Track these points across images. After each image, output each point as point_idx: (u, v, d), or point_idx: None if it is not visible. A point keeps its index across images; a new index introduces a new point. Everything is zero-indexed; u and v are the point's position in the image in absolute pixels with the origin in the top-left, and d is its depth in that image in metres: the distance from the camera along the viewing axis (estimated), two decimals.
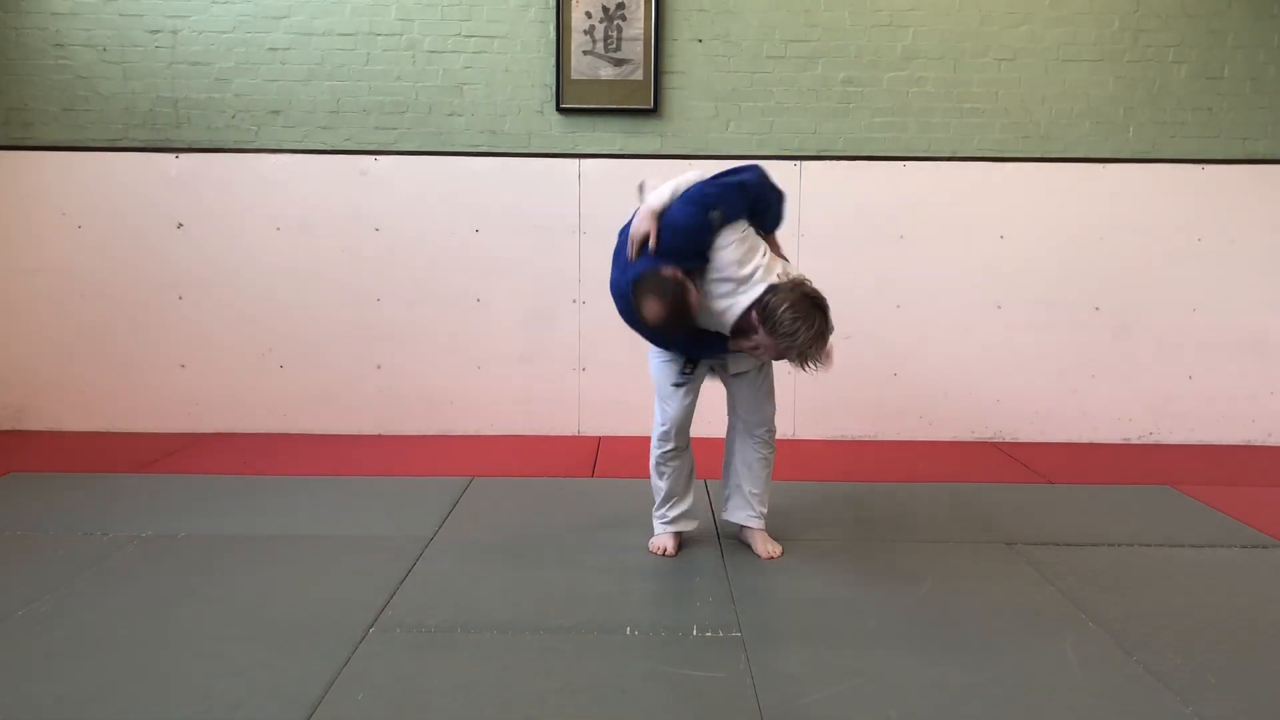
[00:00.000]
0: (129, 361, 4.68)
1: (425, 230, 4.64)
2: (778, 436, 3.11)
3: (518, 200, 4.63)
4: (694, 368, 2.96)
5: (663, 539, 3.10)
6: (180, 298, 4.65)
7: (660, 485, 3.10)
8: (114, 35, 4.56)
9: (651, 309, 2.64)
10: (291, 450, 4.39)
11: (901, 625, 2.58)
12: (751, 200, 2.76)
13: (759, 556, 3.05)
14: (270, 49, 4.58)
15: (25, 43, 4.56)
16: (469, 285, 4.67)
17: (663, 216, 2.71)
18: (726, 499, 3.18)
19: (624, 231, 2.89)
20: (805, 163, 4.61)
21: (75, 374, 4.68)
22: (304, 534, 3.23)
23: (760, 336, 2.65)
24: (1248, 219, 4.66)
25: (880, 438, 4.75)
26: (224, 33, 4.57)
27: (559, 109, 4.58)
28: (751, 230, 2.77)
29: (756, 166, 2.82)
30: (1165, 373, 4.73)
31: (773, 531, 3.15)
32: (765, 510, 3.12)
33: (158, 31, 4.57)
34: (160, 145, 4.61)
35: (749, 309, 2.65)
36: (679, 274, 2.65)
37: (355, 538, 3.19)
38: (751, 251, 2.71)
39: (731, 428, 3.14)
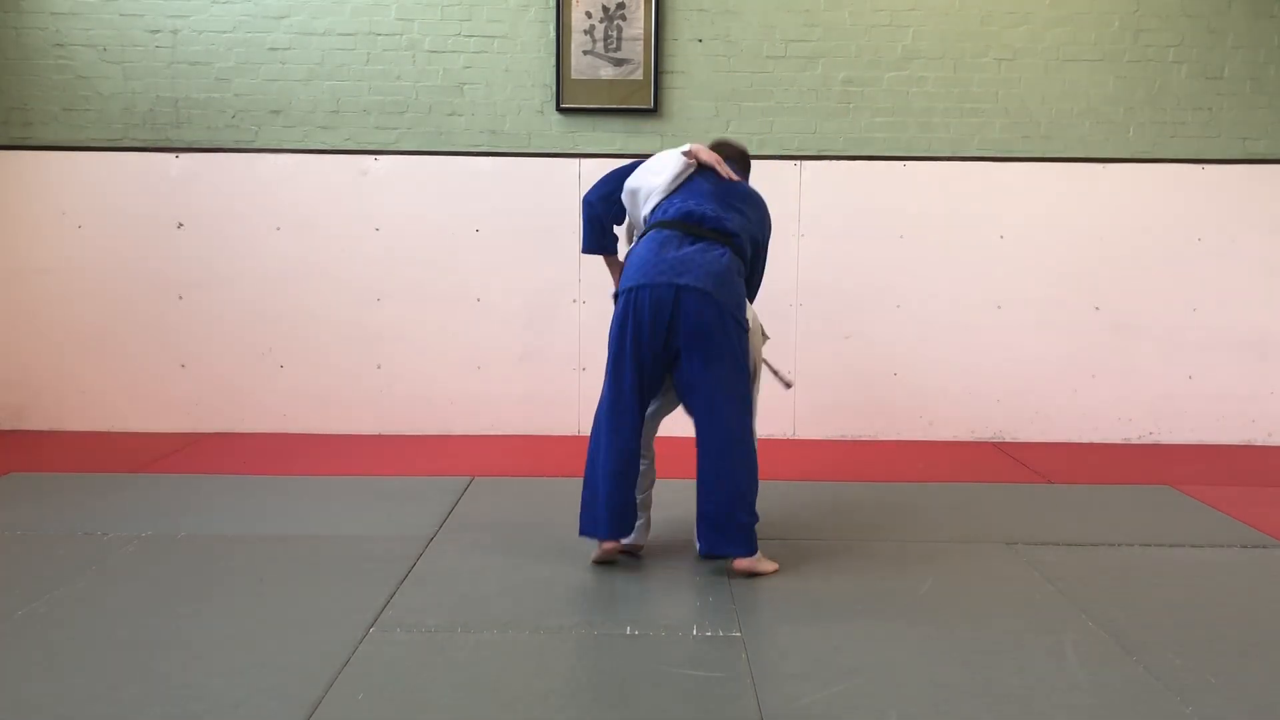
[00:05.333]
0: (129, 361, 4.67)
1: (425, 230, 4.64)
2: (778, 436, 3.08)
3: (518, 200, 4.62)
4: None
5: None
6: (180, 298, 4.65)
7: None
8: (114, 35, 4.56)
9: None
10: (291, 450, 4.39)
11: (901, 625, 2.58)
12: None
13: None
14: (270, 49, 4.58)
15: (25, 43, 4.56)
16: (469, 285, 4.67)
17: None
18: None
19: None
20: (805, 163, 4.61)
21: (75, 374, 4.68)
22: (304, 534, 3.23)
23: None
24: (1248, 219, 4.65)
25: (880, 438, 4.75)
26: (224, 33, 4.57)
27: (559, 109, 4.58)
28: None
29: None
30: (1165, 373, 4.73)
31: (773, 531, 3.15)
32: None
33: (158, 31, 4.57)
34: (160, 145, 4.61)
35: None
36: None
37: (355, 538, 3.18)
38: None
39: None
